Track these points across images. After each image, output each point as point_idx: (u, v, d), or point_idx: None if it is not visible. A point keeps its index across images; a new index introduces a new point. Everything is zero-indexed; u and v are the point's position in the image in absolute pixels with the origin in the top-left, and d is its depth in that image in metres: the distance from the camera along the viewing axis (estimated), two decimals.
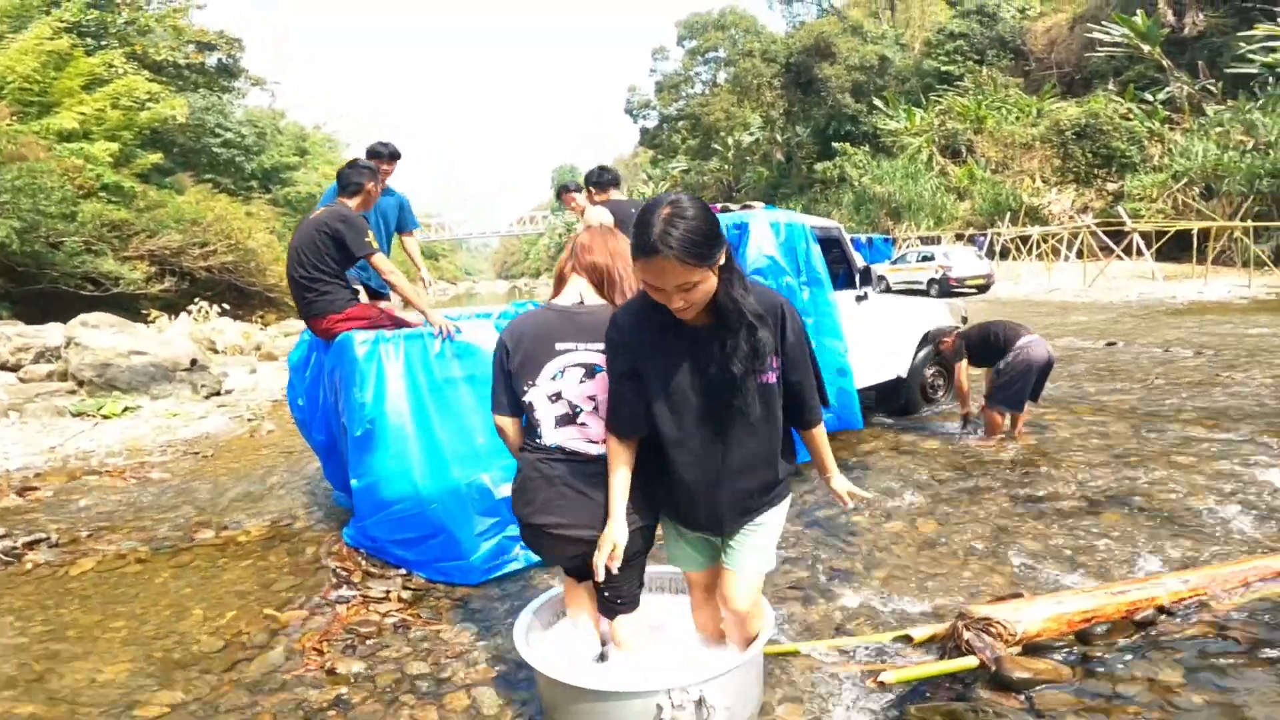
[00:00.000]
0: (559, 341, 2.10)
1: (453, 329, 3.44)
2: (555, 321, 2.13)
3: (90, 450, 6.21)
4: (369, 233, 3.67)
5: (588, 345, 2.09)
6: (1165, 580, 2.65)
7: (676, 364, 1.90)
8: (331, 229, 3.61)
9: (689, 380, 1.90)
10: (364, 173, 3.90)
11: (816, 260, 4.84)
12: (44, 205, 14.24)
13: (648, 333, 1.90)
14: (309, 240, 3.64)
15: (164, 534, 4.12)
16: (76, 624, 3.11)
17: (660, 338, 1.89)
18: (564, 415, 2.10)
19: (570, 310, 2.15)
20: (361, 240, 3.60)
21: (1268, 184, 21.85)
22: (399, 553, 3.42)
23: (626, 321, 1.94)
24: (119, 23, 23.71)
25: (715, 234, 1.70)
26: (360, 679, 2.60)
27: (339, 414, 3.57)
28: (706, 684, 2.01)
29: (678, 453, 1.96)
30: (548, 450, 2.11)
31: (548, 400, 2.10)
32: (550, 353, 2.10)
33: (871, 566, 3.37)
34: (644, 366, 1.92)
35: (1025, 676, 2.21)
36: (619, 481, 1.99)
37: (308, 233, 3.67)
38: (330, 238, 3.61)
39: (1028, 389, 5.10)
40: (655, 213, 1.67)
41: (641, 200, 4.62)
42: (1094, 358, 8.87)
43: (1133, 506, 3.89)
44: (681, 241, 1.64)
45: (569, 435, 2.10)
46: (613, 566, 1.97)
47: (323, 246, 3.61)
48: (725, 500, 2.00)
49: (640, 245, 1.67)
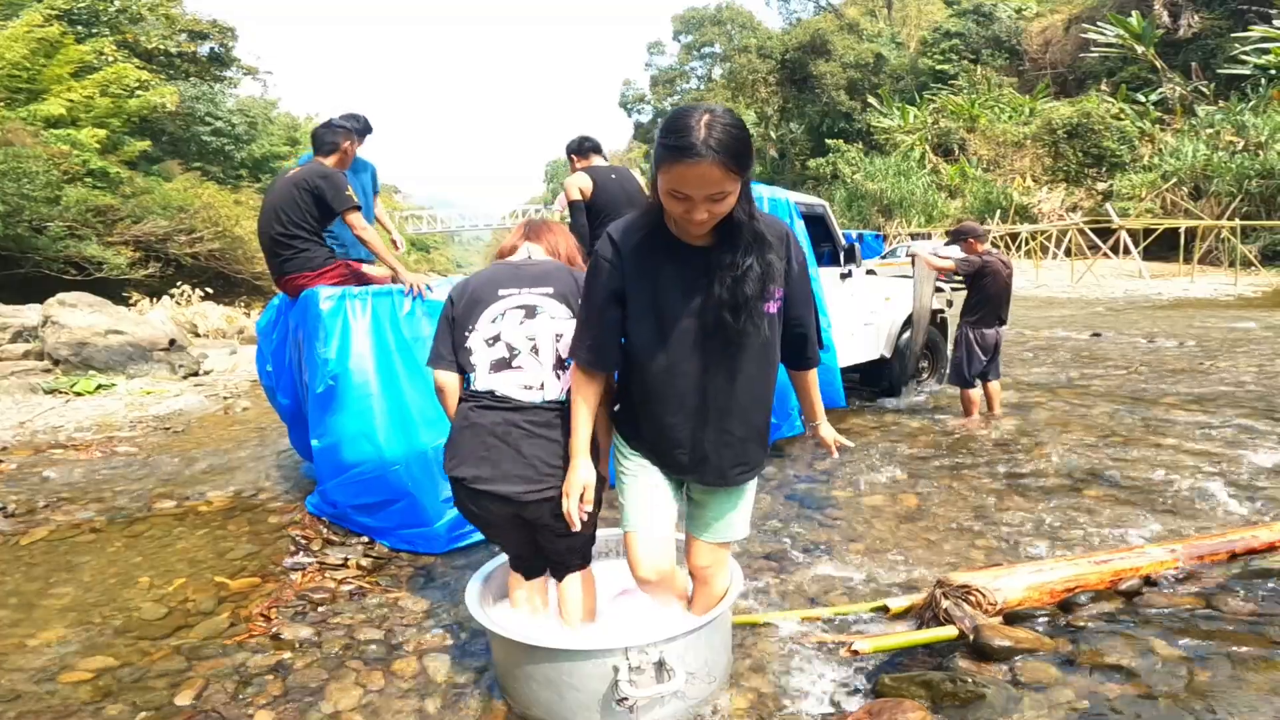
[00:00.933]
0: (502, 288, 2.08)
1: (424, 286, 3.32)
2: (502, 272, 2.13)
3: (59, 426, 6.05)
4: (348, 188, 3.56)
5: (530, 289, 2.06)
6: (1150, 550, 2.56)
7: (673, 286, 1.75)
8: (311, 184, 3.50)
9: (686, 304, 1.75)
10: (338, 132, 3.80)
11: (800, 236, 4.74)
12: (28, 189, 14.06)
13: (644, 252, 1.76)
14: (288, 198, 3.52)
15: (123, 504, 3.99)
16: (18, 591, 2.97)
17: (655, 259, 1.76)
18: (500, 359, 2.02)
19: (516, 263, 2.16)
20: (342, 195, 3.50)
21: (1256, 184, 21.91)
22: (361, 519, 3.29)
23: (621, 240, 1.78)
24: (110, 10, 23.47)
25: (751, 142, 1.62)
26: (306, 645, 2.48)
27: (302, 371, 3.44)
28: (667, 645, 1.90)
29: (663, 385, 1.81)
30: (478, 396, 2.02)
31: (485, 344, 2.04)
32: (493, 297, 2.06)
33: (850, 539, 3.27)
34: (634, 289, 1.77)
35: (1006, 645, 2.10)
36: (584, 418, 1.87)
37: (286, 190, 3.55)
38: (310, 193, 3.50)
39: (968, 366, 5.09)
40: (693, 116, 1.55)
41: (621, 166, 4.53)
42: (1078, 347, 8.80)
43: (1115, 483, 3.81)
44: (725, 144, 1.53)
45: (503, 380, 2.01)
46: (583, 513, 1.86)
47: (302, 203, 3.50)
48: (712, 439, 1.86)
49: (681, 147, 1.53)
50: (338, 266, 3.66)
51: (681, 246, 1.75)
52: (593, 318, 1.83)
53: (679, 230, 1.74)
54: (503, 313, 2.04)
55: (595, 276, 1.82)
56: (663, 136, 1.59)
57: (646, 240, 1.76)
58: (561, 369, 2.02)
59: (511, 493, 1.93)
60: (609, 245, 1.79)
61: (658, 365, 1.80)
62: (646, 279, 1.77)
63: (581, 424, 1.87)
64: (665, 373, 1.80)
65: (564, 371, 2.01)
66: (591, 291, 1.83)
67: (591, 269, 1.83)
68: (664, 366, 1.79)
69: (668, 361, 1.79)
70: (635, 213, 1.84)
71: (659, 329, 1.78)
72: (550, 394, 2.00)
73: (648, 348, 1.80)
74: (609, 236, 1.80)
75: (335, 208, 3.53)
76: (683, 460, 1.89)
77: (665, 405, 1.83)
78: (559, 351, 2.02)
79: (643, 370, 1.83)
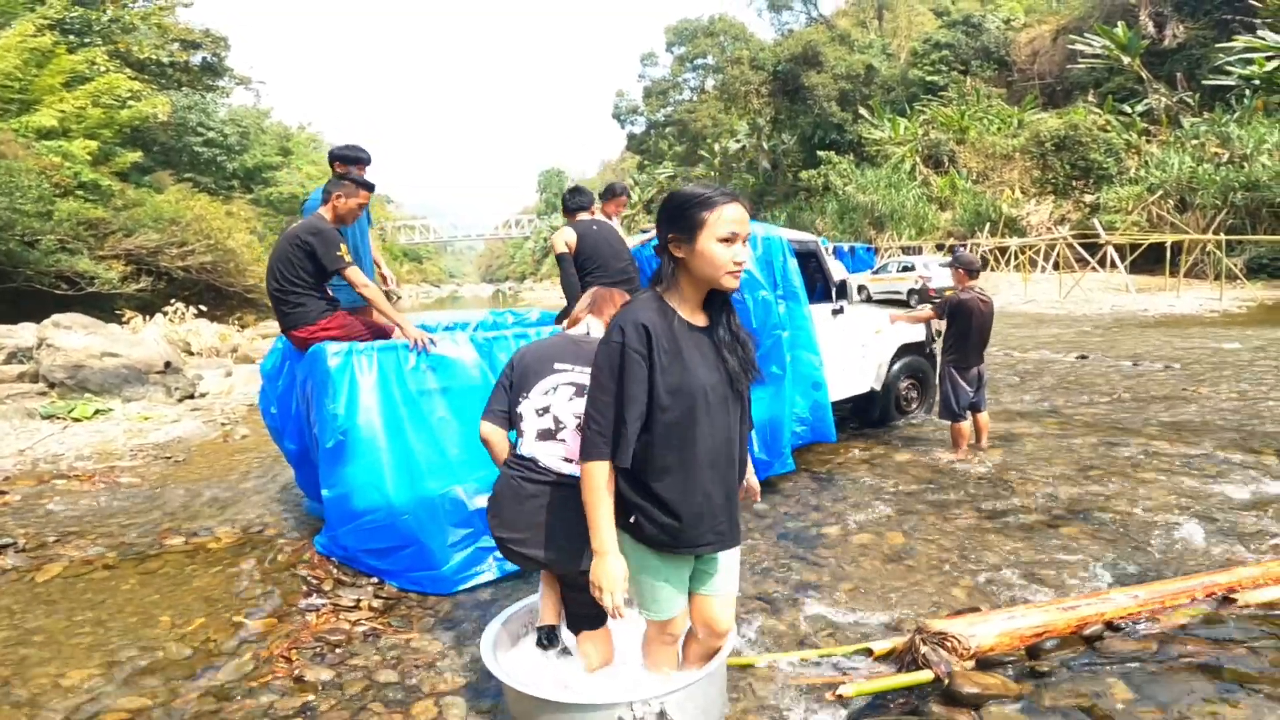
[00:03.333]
0: (559, 362, 2.25)
1: (427, 341, 3.46)
2: (560, 345, 2.31)
3: (60, 454, 6.15)
4: (342, 246, 3.63)
5: (584, 368, 2.18)
6: (1114, 596, 2.73)
7: (697, 365, 1.84)
8: (303, 241, 3.60)
9: (707, 379, 1.84)
10: (334, 184, 3.83)
11: (793, 274, 4.90)
12: (19, 204, 14.12)
13: (669, 336, 1.82)
14: (282, 253, 3.64)
15: (132, 540, 4.11)
16: (43, 630, 3.10)
17: (676, 342, 1.83)
18: (546, 430, 2.18)
19: (576, 338, 2.33)
20: (332, 254, 3.58)
21: (1241, 197, 22.24)
22: (371, 562, 3.44)
23: (651, 328, 1.80)
24: (103, 20, 23.52)
25: None
26: (328, 687, 2.62)
27: (310, 424, 3.57)
28: (668, 697, 2.05)
29: (695, 463, 1.85)
30: (523, 463, 2.19)
31: (535, 414, 2.20)
32: (548, 370, 2.23)
33: (839, 579, 3.43)
34: (666, 373, 1.80)
35: (974, 691, 2.27)
36: (609, 512, 1.86)
37: (281, 246, 3.68)
38: (301, 249, 3.60)
39: (955, 400, 5.26)
40: (701, 183, 1.88)
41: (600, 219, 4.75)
42: (1064, 371, 9.01)
43: (1093, 521, 3.99)
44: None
45: (547, 450, 2.18)
46: (621, 609, 1.87)
47: (295, 259, 3.60)
48: (734, 505, 1.98)
49: (719, 194, 1.79)
50: (336, 317, 3.74)
51: (687, 326, 1.86)
52: (615, 413, 1.81)
53: (689, 308, 1.88)
54: (555, 386, 2.20)
55: (630, 369, 1.79)
56: (690, 204, 1.79)
57: (665, 325, 1.84)
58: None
59: (547, 559, 2.13)
60: (640, 336, 1.79)
61: (695, 442, 1.85)
62: (676, 361, 1.82)
63: (608, 518, 1.86)
64: (694, 452, 1.85)
65: None
66: (626, 385, 1.79)
67: (622, 363, 1.79)
68: (696, 441, 1.85)
69: (699, 436, 1.85)
70: (643, 301, 1.86)
71: (690, 408, 1.84)
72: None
73: (681, 426, 1.83)
74: (639, 327, 1.80)
75: (326, 266, 3.59)
76: (723, 529, 1.95)
77: (703, 476, 1.88)
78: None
79: (681, 448, 1.84)
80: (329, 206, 3.76)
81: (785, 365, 4.72)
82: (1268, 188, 21.70)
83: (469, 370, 3.51)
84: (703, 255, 1.78)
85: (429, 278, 64.37)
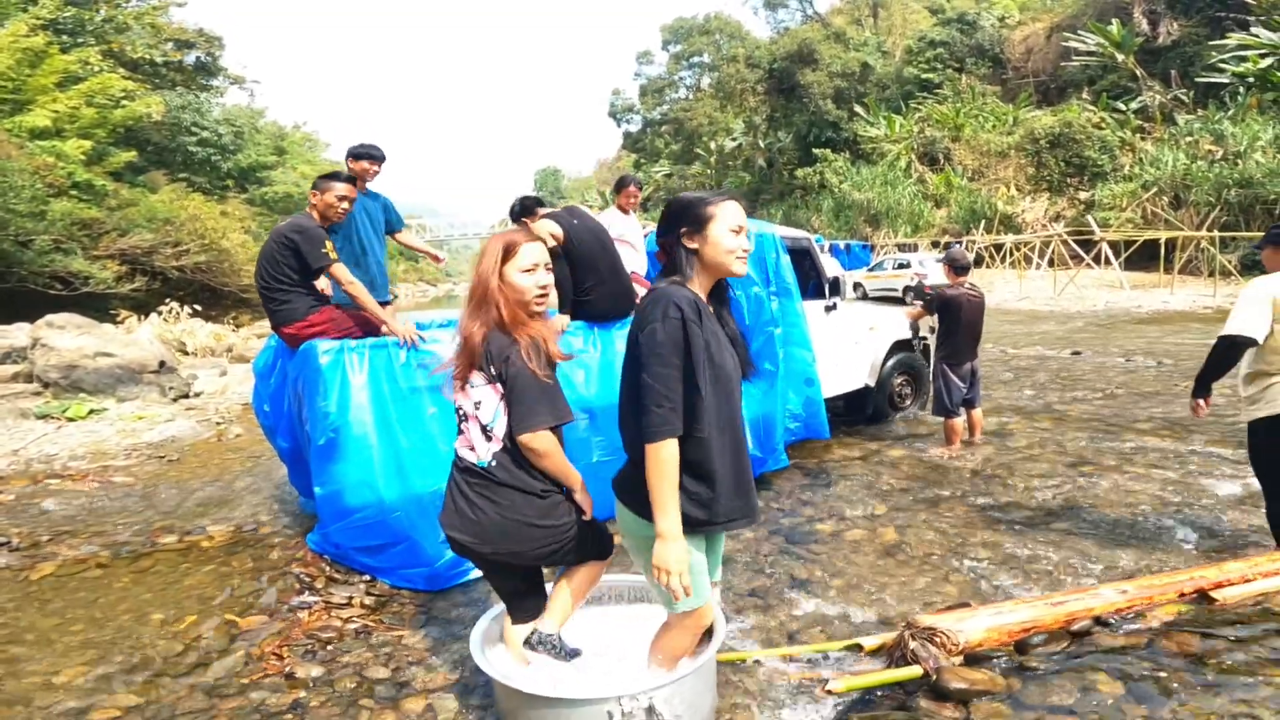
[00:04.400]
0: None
1: (416, 338, 3.46)
2: None
3: (53, 454, 6.14)
4: (327, 244, 3.63)
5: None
6: (1102, 591, 2.74)
7: (721, 344, 1.95)
8: (288, 239, 3.61)
9: (727, 357, 1.95)
10: (317, 185, 3.85)
11: (786, 271, 4.91)
12: (13, 204, 14.05)
13: (707, 316, 1.92)
14: (268, 251, 3.65)
15: (125, 539, 4.11)
16: (35, 628, 3.11)
17: (707, 323, 1.91)
18: (460, 421, 2.20)
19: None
20: (317, 251, 3.58)
21: (1235, 194, 22.30)
22: (363, 559, 3.44)
23: (697, 299, 1.90)
24: (96, 20, 23.40)
25: None
26: (319, 683, 2.62)
27: (302, 422, 3.58)
28: (656, 691, 2.06)
29: (726, 436, 1.93)
30: (455, 459, 2.24)
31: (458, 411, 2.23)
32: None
33: (831, 574, 3.44)
34: (710, 350, 1.88)
35: (962, 687, 2.28)
36: (676, 492, 1.84)
37: (268, 244, 3.69)
38: (287, 247, 3.61)
39: (948, 396, 5.28)
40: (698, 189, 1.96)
41: (574, 206, 4.56)
42: (1058, 367, 9.04)
43: (1083, 517, 4.01)
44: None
45: (460, 444, 2.21)
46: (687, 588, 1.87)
47: (280, 257, 3.61)
48: (749, 470, 2.04)
49: (718, 194, 1.96)
50: (324, 312, 3.73)
51: (707, 309, 1.96)
52: (703, 379, 1.85)
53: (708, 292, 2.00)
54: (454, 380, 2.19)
55: (694, 341, 1.83)
56: (698, 203, 1.94)
57: (704, 306, 1.93)
58: (487, 433, 2.12)
59: (466, 541, 2.15)
60: (694, 310, 1.85)
61: (724, 418, 1.93)
62: (716, 340, 1.93)
63: (675, 498, 1.84)
64: (728, 424, 1.94)
65: (490, 435, 2.11)
66: (696, 354, 1.84)
67: (686, 335, 1.83)
68: (733, 417, 1.97)
69: (734, 412, 1.98)
70: (674, 286, 1.91)
71: (730, 385, 1.95)
72: (481, 456, 2.13)
73: (723, 401, 1.92)
74: (692, 302, 1.87)
75: (311, 264, 3.60)
76: (744, 503, 1.99)
77: (729, 454, 1.94)
78: (479, 419, 2.12)
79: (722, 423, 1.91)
80: (312, 206, 3.79)
81: (778, 362, 4.73)
82: (1261, 185, 21.75)
83: None
84: (716, 242, 1.92)
85: (425, 276, 64.17)
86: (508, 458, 2.11)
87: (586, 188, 73.81)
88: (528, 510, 2.11)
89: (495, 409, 2.10)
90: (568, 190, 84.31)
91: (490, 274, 2.08)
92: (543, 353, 2.07)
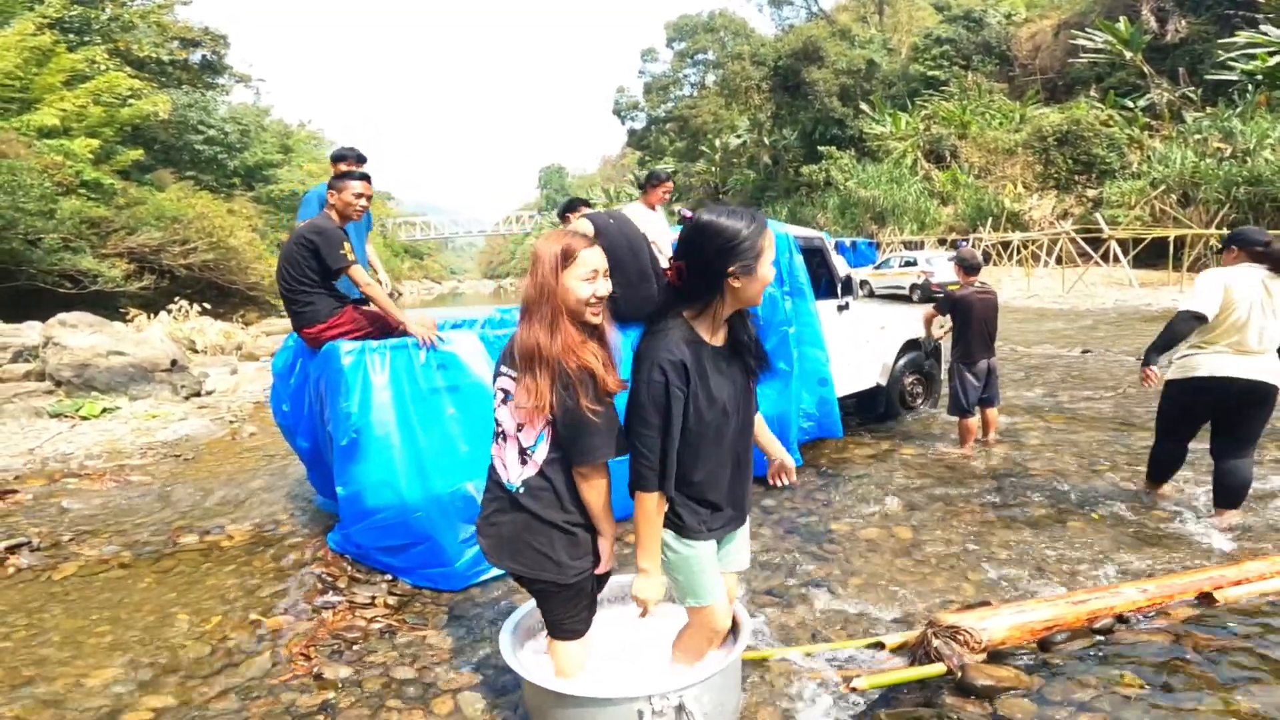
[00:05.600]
0: (502, 363, 2.11)
1: (435, 339, 3.48)
2: (510, 342, 2.12)
3: (69, 453, 6.19)
4: (345, 244, 3.65)
5: (511, 370, 2.03)
6: (1123, 589, 2.75)
7: (720, 387, 1.96)
8: (307, 241, 3.63)
9: (729, 393, 1.98)
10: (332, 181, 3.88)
11: (799, 270, 4.93)
12: (22, 202, 14.12)
13: (695, 369, 1.91)
14: (289, 254, 3.67)
15: (146, 538, 4.14)
16: (61, 628, 3.14)
17: (705, 368, 1.94)
18: (496, 433, 2.13)
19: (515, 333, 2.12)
20: (336, 253, 3.61)
21: (1244, 192, 22.21)
22: (384, 559, 3.47)
23: (685, 360, 1.89)
24: (102, 19, 23.49)
25: None
26: (347, 684, 2.65)
27: (324, 422, 3.60)
28: (686, 690, 2.08)
29: (723, 462, 2.03)
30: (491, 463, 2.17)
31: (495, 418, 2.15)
32: (497, 372, 2.13)
33: (848, 573, 3.46)
34: (698, 399, 1.92)
35: (988, 684, 2.30)
36: (659, 536, 2.00)
37: (288, 246, 3.71)
38: (307, 249, 3.63)
39: (964, 396, 5.28)
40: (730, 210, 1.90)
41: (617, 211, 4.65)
42: (1068, 365, 9.03)
43: (1100, 515, 4.01)
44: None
45: (495, 452, 2.13)
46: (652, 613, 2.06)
47: (300, 259, 3.64)
48: (749, 484, 2.16)
49: (757, 219, 1.87)
50: (345, 313, 3.77)
51: (714, 351, 1.98)
52: (672, 447, 1.92)
53: (716, 332, 1.99)
54: (496, 390, 2.11)
55: (674, 409, 1.88)
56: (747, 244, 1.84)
57: (695, 357, 1.92)
58: (525, 457, 2.03)
59: (485, 549, 2.13)
60: (680, 375, 1.88)
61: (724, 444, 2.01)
62: (705, 385, 1.94)
63: (657, 542, 2.00)
64: (725, 448, 2.03)
65: (528, 459, 2.03)
66: (671, 423, 1.89)
67: (667, 403, 1.88)
68: (724, 444, 2.02)
69: (726, 438, 2.02)
70: (674, 333, 1.92)
71: (721, 420, 1.98)
72: (511, 478, 2.06)
73: (713, 434, 1.98)
74: (678, 367, 1.88)
75: (330, 265, 3.63)
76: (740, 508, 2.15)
77: (729, 470, 2.05)
78: (520, 441, 2.03)
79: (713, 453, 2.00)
80: (330, 206, 3.81)
81: (792, 361, 4.74)
82: (1270, 182, 21.66)
83: (477, 368, 3.53)
84: (761, 280, 1.89)
85: (430, 274, 64.34)
86: (539, 486, 2.02)
87: (591, 185, 73.80)
88: (541, 539, 2.05)
89: (539, 434, 1.99)
90: (571, 188, 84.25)
91: (551, 280, 1.93)
92: (592, 384, 1.90)
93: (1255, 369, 3.60)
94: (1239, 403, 3.68)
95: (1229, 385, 3.64)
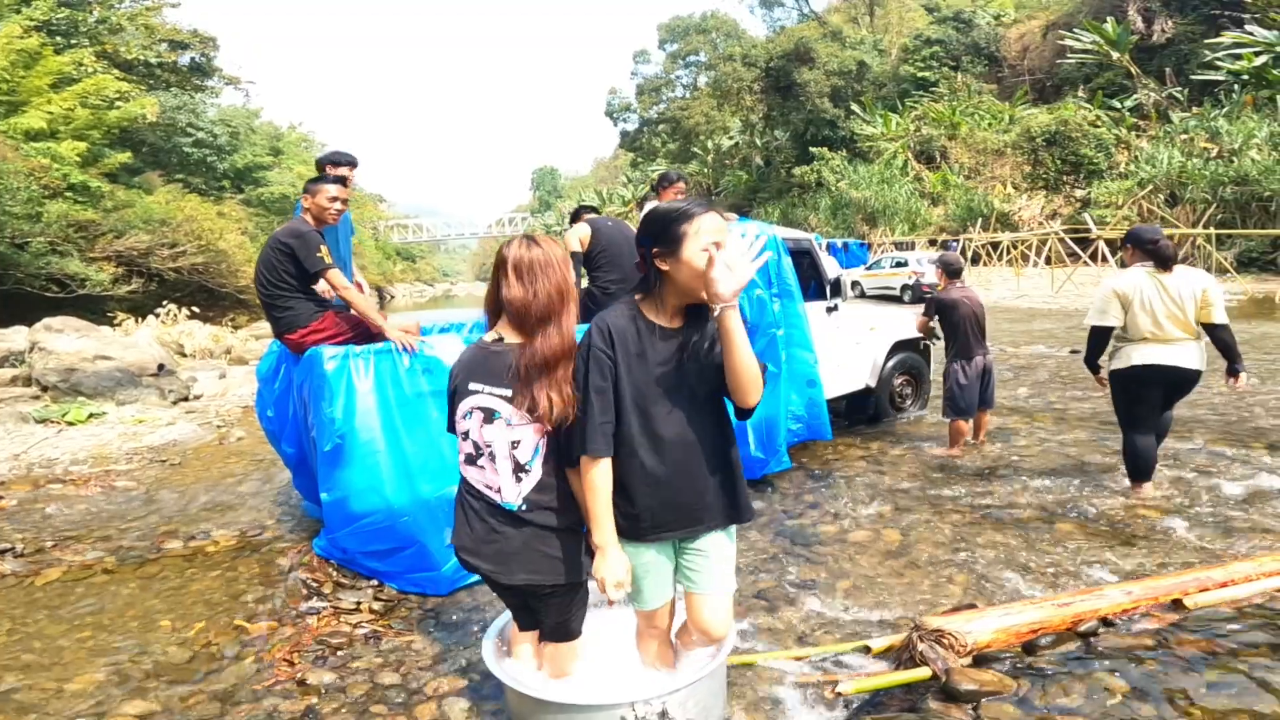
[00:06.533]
0: (473, 381, 2.04)
1: (414, 344, 3.45)
2: (476, 360, 2.07)
3: (55, 458, 6.13)
4: (322, 248, 3.62)
5: (493, 388, 2.00)
6: (1108, 592, 2.76)
7: (660, 364, 1.93)
8: (284, 244, 3.61)
9: (671, 379, 1.94)
10: (306, 185, 3.88)
11: (788, 272, 4.92)
12: (9, 206, 14.02)
13: (631, 339, 1.93)
14: (266, 258, 3.65)
15: (130, 544, 4.11)
16: (43, 634, 3.11)
17: (643, 343, 1.93)
18: (470, 455, 2.07)
19: (489, 347, 2.05)
20: (312, 256, 3.58)
21: (1231, 191, 22.39)
22: (370, 564, 3.45)
23: (616, 328, 1.92)
24: (90, 21, 23.34)
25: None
26: (331, 690, 2.63)
27: (308, 427, 3.58)
28: (669, 696, 2.07)
29: (654, 453, 1.95)
30: (464, 480, 2.11)
31: (461, 436, 2.09)
32: (465, 391, 2.05)
33: (836, 576, 3.45)
34: (628, 372, 1.92)
35: (971, 688, 2.30)
36: (607, 507, 1.93)
37: (265, 251, 3.69)
38: (284, 253, 3.61)
39: (961, 397, 5.27)
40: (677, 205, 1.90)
41: (615, 218, 4.90)
42: (1057, 365, 9.07)
43: (1087, 516, 4.03)
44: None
45: (473, 474, 2.07)
46: (620, 596, 1.95)
47: (278, 263, 3.61)
48: (699, 487, 2.01)
49: (695, 206, 1.87)
50: (326, 318, 3.74)
51: (656, 328, 1.95)
52: (596, 404, 1.90)
53: (665, 315, 1.95)
54: (469, 410, 2.04)
55: (594, 367, 1.91)
56: (671, 219, 1.86)
57: (632, 328, 1.94)
58: (521, 474, 2.00)
59: (490, 570, 2.06)
60: (604, 337, 1.92)
61: (647, 437, 1.95)
62: (639, 361, 1.93)
63: (605, 514, 1.93)
64: (655, 442, 1.95)
65: (524, 476, 2.00)
66: (592, 380, 1.91)
67: (588, 362, 1.92)
68: (655, 437, 1.95)
69: (662, 431, 1.95)
70: (617, 307, 1.99)
71: (649, 404, 1.93)
72: (508, 498, 2.01)
73: (636, 424, 1.93)
74: (602, 329, 1.93)
75: (309, 270, 3.60)
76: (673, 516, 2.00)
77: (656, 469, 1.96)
78: (515, 458, 2.00)
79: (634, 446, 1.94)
80: (305, 210, 3.80)
81: (780, 363, 4.74)
82: (1257, 182, 21.84)
83: None
84: (687, 266, 1.84)
85: (423, 276, 64.19)
86: (542, 500, 2.00)
87: (584, 187, 73.78)
88: (553, 545, 2.03)
89: (535, 446, 1.99)
90: (565, 190, 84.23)
91: (568, 283, 2.00)
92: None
93: (1179, 357, 3.96)
94: (1173, 388, 4.08)
95: (1166, 371, 3.98)
